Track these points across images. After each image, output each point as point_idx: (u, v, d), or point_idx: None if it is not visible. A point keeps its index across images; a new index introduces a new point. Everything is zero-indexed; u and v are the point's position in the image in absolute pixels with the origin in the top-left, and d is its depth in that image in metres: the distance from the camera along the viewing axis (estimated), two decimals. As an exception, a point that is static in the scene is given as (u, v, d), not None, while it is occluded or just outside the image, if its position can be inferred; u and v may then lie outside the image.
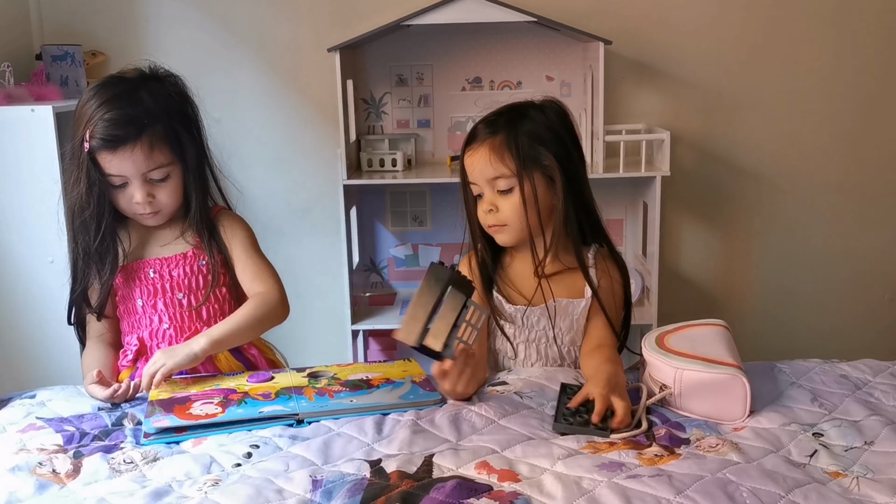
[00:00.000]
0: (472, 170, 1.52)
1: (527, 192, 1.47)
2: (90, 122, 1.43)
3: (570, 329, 1.56)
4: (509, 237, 1.53)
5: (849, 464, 1.14)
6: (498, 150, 1.48)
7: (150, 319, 1.56)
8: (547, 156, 1.48)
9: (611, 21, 2.46)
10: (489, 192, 1.51)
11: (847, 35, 2.51)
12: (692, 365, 1.30)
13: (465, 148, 1.53)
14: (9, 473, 1.14)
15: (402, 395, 1.38)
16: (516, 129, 1.48)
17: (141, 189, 1.47)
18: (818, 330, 2.68)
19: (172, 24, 2.51)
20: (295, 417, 1.30)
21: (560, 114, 1.53)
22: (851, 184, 2.60)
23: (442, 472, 1.12)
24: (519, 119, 1.50)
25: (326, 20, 2.50)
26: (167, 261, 1.56)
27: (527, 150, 1.47)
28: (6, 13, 2.40)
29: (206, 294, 1.57)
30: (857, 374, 1.44)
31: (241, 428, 1.28)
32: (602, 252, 1.59)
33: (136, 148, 1.43)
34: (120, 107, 1.44)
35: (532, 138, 1.48)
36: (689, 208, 2.63)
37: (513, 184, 1.48)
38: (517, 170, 1.47)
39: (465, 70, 2.53)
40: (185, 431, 1.27)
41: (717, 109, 2.56)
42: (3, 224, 2.01)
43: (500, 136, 1.49)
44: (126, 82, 1.49)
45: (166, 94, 1.50)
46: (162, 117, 1.47)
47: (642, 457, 1.16)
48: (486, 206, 1.51)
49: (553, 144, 1.49)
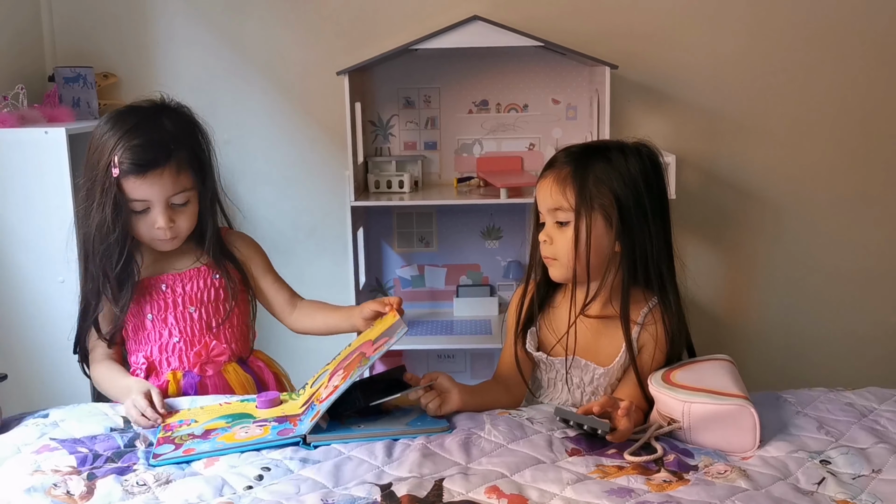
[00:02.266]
0: (539, 196, 1.50)
1: (581, 229, 1.43)
2: (115, 149, 1.45)
3: (591, 382, 1.52)
4: (560, 272, 1.49)
5: (857, 492, 1.15)
6: (562, 182, 1.45)
7: (159, 334, 1.58)
8: (609, 198, 1.43)
9: (617, 45, 2.48)
10: (549, 223, 1.48)
11: (852, 58, 2.53)
12: (699, 398, 1.30)
13: (542, 173, 1.51)
14: (24, 494, 1.16)
15: (410, 421, 1.39)
16: (587, 164, 1.45)
17: (163, 214, 1.50)
18: (824, 353, 2.68)
19: (183, 47, 2.54)
20: (303, 438, 1.31)
21: (644, 160, 1.47)
22: (857, 206, 2.61)
23: (452, 496, 1.13)
24: (596, 156, 1.46)
25: (336, 44, 2.53)
26: (181, 276, 1.59)
27: (590, 188, 1.43)
28: (19, 35, 2.43)
29: (226, 311, 1.60)
30: (863, 401, 1.45)
31: (249, 448, 1.29)
32: (657, 310, 1.51)
33: (164, 172, 1.47)
34: (146, 133, 1.47)
35: (600, 177, 1.43)
36: (694, 231, 2.64)
37: (570, 217, 1.44)
38: (576, 205, 1.44)
39: (472, 93, 2.55)
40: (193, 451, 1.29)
41: (722, 132, 2.58)
42: (15, 244, 2.03)
43: (569, 167, 1.46)
44: (144, 111, 1.52)
45: (184, 121, 1.54)
46: (185, 143, 1.51)
47: (651, 482, 1.17)
48: (543, 236, 1.49)
49: (621, 188, 1.43)
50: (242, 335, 1.65)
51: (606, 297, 1.49)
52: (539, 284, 1.55)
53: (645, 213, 1.45)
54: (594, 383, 1.51)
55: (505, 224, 2.61)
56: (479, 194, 2.42)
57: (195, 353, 1.57)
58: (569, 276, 1.49)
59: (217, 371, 1.58)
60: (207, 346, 1.57)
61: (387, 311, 1.50)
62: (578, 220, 1.44)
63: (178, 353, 1.57)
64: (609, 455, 1.26)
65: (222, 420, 1.40)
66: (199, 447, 1.29)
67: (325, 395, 1.37)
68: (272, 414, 1.41)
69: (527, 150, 2.59)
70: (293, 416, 1.39)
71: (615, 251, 1.46)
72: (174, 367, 1.57)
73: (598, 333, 1.51)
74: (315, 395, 1.41)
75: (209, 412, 1.43)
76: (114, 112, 1.54)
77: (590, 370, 1.50)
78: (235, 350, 1.62)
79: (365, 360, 1.37)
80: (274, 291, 1.67)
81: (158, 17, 2.54)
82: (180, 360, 1.57)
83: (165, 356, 1.58)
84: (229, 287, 1.60)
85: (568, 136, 2.57)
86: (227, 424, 1.38)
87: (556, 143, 2.57)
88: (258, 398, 1.46)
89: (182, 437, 1.33)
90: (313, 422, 1.32)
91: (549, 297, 1.57)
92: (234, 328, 1.62)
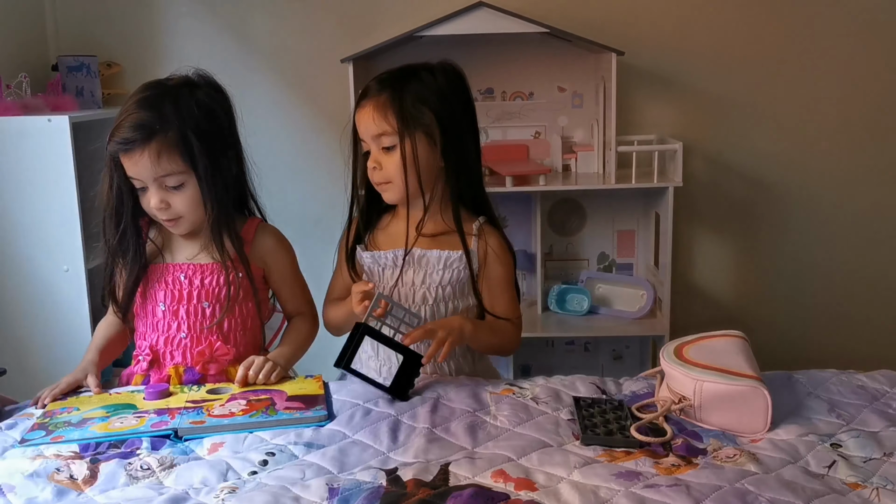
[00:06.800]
0: (360, 126, 1.55)
1: (407, 151, 1.50)
2: (116, 123, 1.48)
3: (449, 282, 1.58)
4: (394, 195, 1.56)
5: (868, 475, 1.13)
6: (382, 108, 1.51)
7: (168, 325, 1.56)
8: (429, 116, 1.51)
9: (623, 32, 2.47)
10: (375, 149, 1.54)
11: (861, 45, 2.51)
12: (712, 377, 1.29)
13: (357, 104, 1.56)
14: (27, 480, 1.15)
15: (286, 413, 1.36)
16: (402, 88, 1.51)
17: (156, 194, 1.49)
18: (831, 341, 2.67)
19: (187, 35, 2.53)
20: (174, 431, 1.29)
21: (452, 77, 1.55)
22: (865, 194, 2.59)
23: (458, 480, 1.12)
24: (408, 79, 1.53)
25: (340, 32, 2.51)
26: (202, 268, 1.56)
27: (409, 110, 1.50)
28: (23, 24, 2.42)
29: (243, 313, 1.58)
30: (875, 384, 1.43)
31: (117, 437, 1.28)
32: (486, 225, 1.61)
33: (144, 152, 1.45)
34: (137, 112, 1.47)
35: (417, 98, 1.51)
36: (702, 219, 2.63)
37: (395, 141, 1.51)
38: (399, 128, 1.50)
39: (478, 81, 2.53)
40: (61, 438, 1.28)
41: (730, 120, 2.56)
42: (19, 233, 2.02)
43: (385, 94, 1.52)
44: (159, 88, 1.51)
45: (190, 104, 1.49)
46: (176, 125, 1.46)
47: (659, 466, 1.16)
48: (372, 163, 1.55)
49: (438, 106, 1.51)
50: (253, 337, 1.62)
51: (437, 213, 1.57)
52: (362, 212, 1.62)
53: (461, 128, 1.54)
54: (427, 281, 1.58)
55: (510, 212, 2.59)
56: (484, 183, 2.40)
57: (199, 352, 1.54)
58: (403, 197, 1.55)
59: (220, 370, 1.56)
60: (212, 346, 1.55)
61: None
62: (403, 143, 1.51)
63: (182, 349, 1.55)
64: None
65: (103, 410, 1.38)
66: (69, 434, 1.28)
67: (217, 411, 1.35)
68: (156, 406, 1.39)
69: (532, 138, 2.57)
70: (174, 409, 1.37)
71: (441, 167, 1.54)
72: (177, 361, 1.55)
73: (434, 247, 1.58)
74: (208, 403, 1.39)
75: (93, 401, 1.42)
76: (145, 83, 1.54)
77: (424, 261, 1.57)
78: (243, 352, 1.57)
79: (272, 411, 1.36)
80: (287, 295, 1.67)
81: (162, 6, 2.53)
82: (184, 356, 1.55)
83: (170, 349, 1.56)
84: (252, 288, 1.58)
85: (574, 124, 2.56)
86: (106, 414, 1.36)
87: (561, 131, 2.56)
88: (146, 389, 1.45)
89: (57, 424, 1.32)
90: (193, 426, 1.30)
91: (374, 225, 1.65)
92: (246, 330, 1.59)
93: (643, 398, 1.39)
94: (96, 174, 1.56)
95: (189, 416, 1.34)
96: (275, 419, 1.33)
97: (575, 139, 2.57)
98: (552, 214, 2.61)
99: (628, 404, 1.36)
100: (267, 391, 1.44)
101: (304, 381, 1.50)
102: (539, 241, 2.50)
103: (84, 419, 1.34)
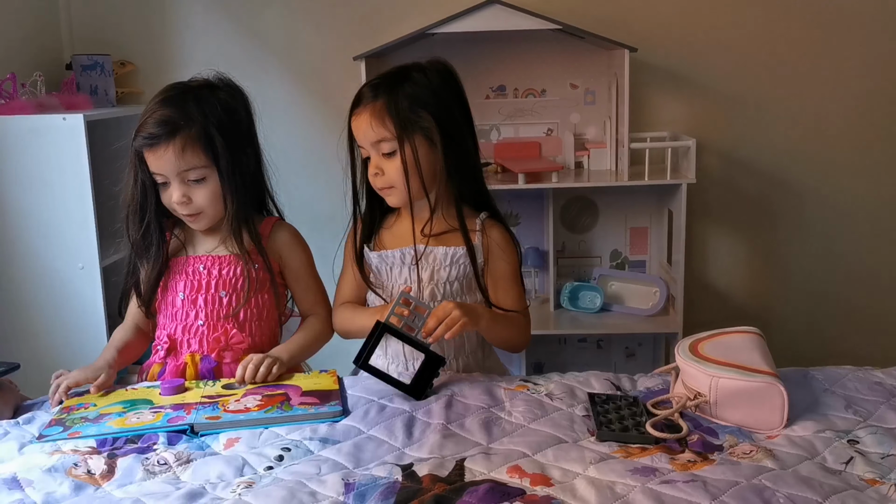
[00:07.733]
0: (357, 133, 1.55)
1: (408, 156, 1.50)
2: (141, 121, 1.53)
3: (456, 278, 1.58)
4: (398, 199, 1.56)
5: (886, 471, 1.13)
6: (379, 115, 1.50)
7: (186, 314, 1.60)
8: (427, 118, 1.50)
9: (636, 28, 2.46)
10: (375, 155, 1.54)
11: (877, 40, 2.49)
12: (728, 373, 1.29)
13: (351, 111, 1.55)
14: (45, 475, 1.15)
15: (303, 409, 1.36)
16: (397, 92, 1.50)
17: (178, 189, 1.53)
18: (847, 338, 2.65)
19: (200, 34, 2.54)
20: (190, 426, 1.30)
21: (445, 75, 1.55)
22: (881, 189, 2.58)
23: (474, 475, 1.12)
24: (401, 82, 1.52)
25: (352, 29, 2.52)
26: (220, 259, 1.61)
27: (406, 114, 1.49)
28: (37, 23, 2.44)
29: (259, 304, 1.61)
30: (892, 381, 1.42)
31: (132, 433, 1.28)
32: (490, 220, 1.61)
33: (168, 147, 1.50)
34: (162, 109, 1.52)
35: (412, 101, 1.50)
36: (715, 216, 2.61)
37: (395, 147, 1.51)
38: (397, 133, 1.49)
39: (490, 78, 2.53)
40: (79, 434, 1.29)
41: (743, 116, 2.55)
42: (34, 231, 2.04)
43: (381, 99, 1.51)
44: (182, 87, 1.57)
45: (213, 102, 1.55)
46: (199, 121, 1.52)
47: (675, 462, 1.16)
48: (373, 169, 1.55)
49: (434, 107, 1.51)
50: (270, 329, 1.65)
51: (441, 212, 1.57)
52: (365, 216, 1.63)
53: (458, 125, 1.54)
54: (435, 278, 1.57)
55: (523, 210, 2.59)
56: (496, 180, 2.40)
57: (214, 339, 1.57)
58: (407, 200, 1.55)
59: (235, 359, 1.58)
60: (227, 333, 1.58)
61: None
62: (403, 147, 1.50)
63: (199, 336, 1.58)
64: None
65: (120, 405, 1.39)
66: (86, 430, 1.29)
67: (232, 406, 1.36)
68: (172, 401, 1.40)
69: (545, 135, 2.57)
70: (189, 405, 1.38)
71: (442, 167, 1.53)
72: (194, 349, 1.58)
73: (440, 247, 1.58)
74: (223, 398, 1.40)
75: (110, 397, 1.43)
76: (168, 84, 1.59)
77: (430, 257, 1.57)
78: (258, 342, 1.61)
79: (287, 407, 1.36)
80: (301, 293, 1.69)
81: (176, 5, 2.54)
82: (200, 343, 1.58)
83: (187, 337, 1.59)
84: (271, 281, 1.61)
85: (586, 121, 2.55)
86: (122, 409, 1.37)
87: (574, 128, 2.55)
88: (162, 384, 1.46)
89: (74, 420, 1.33)
90: (208, 421, 1.31)
91: (379, 225, 1.65)
92: (262, 321, 1.62)
93: (658, 394, 1.39)
94: (112, 173, 1.60)
95: (205, 411, 1.35)
96: (290, 414, 1.33)
97: (587, 136, 2.56)
98: (565, 212, 2.61)
99: (643, 400, 1.36)
100: (282, 386, 1.45)
101: (318, 376, 1.51)
102: (551, 238, 2.49)
103: (101, 415, 1.35)
